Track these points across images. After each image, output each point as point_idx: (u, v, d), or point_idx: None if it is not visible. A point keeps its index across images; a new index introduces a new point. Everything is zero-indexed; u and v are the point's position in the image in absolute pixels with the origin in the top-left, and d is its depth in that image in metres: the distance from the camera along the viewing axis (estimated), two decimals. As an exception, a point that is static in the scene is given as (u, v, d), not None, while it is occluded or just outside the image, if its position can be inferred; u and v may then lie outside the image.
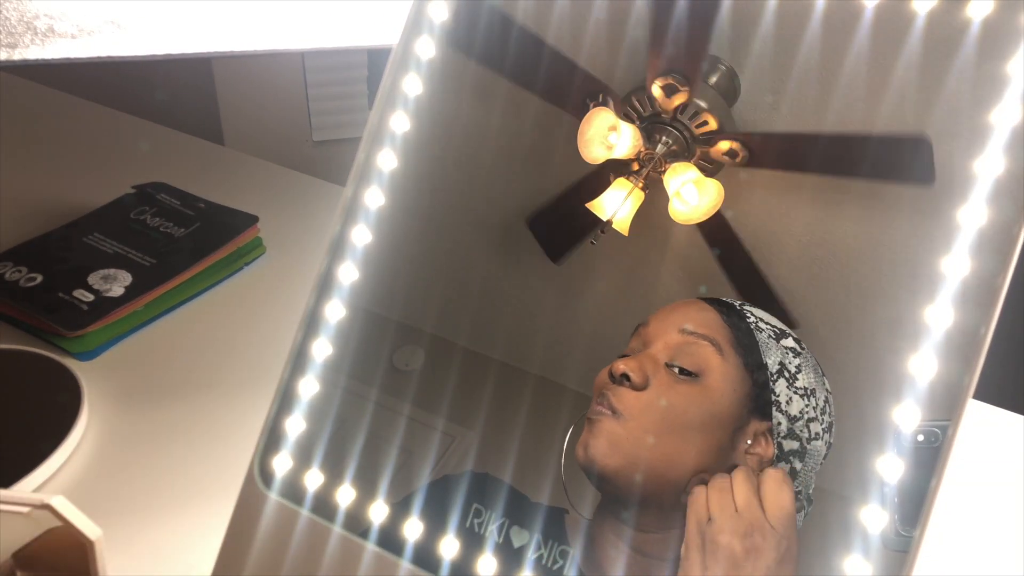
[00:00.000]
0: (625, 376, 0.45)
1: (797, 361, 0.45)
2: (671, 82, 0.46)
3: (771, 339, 0.46)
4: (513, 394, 0.50)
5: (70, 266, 0.80)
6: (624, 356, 0.47)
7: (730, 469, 0.44)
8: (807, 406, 0.45)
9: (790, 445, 0.45)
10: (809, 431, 0.45)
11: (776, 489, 0.42)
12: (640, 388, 0.45)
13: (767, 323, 0.46)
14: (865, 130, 0.44)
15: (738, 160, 0.46)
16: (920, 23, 0.42)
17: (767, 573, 0.41)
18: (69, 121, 1.12)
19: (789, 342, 0.45)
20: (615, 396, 0.46)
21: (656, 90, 0.47)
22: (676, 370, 0.45)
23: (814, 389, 0.45)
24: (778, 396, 0.45)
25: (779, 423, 0.45)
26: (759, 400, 0.45)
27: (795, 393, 0.45)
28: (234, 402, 0.70)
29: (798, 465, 0.45)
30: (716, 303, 0.47)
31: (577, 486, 0.47)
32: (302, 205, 0.98)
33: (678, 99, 0.46)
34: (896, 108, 0.43)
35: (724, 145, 0.46)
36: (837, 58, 0.44)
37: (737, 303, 0.47)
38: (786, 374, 0.45)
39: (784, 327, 0.46)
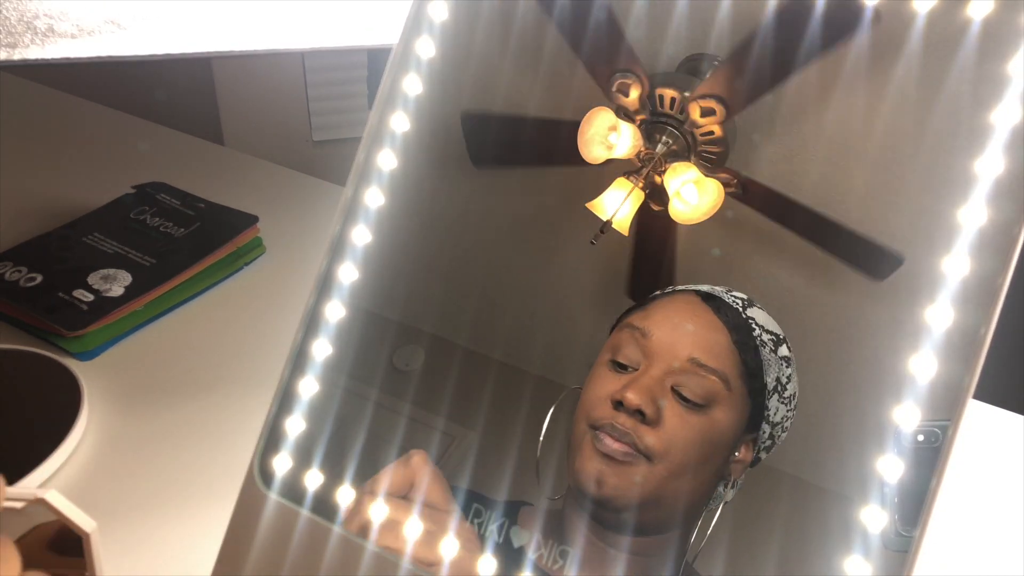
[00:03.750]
0: (639, 412, 0.45)
1: (788, 371, 0.46)
2: (713, 106, 0.46)
3: (772, 353, 0.46)
4: (513, 394, 0.50)
5: (70, 266, 0.80)
6: (617, 364, 0.47)
7: (715, 480, 0.46)
8: (788, 411, 0.46)
9: (767, 444, 0.46)
10: (784, 430, 0.46)
11: None
12: (653, 424, 0.45)
13: (768, 331, 0.46)
14: (855, 227, 0.44)
15: (729, 189, 0.46)
16: (920, 23, 0.42)
17: None
18: (69, 121, 1.12)
19: (784, 350, 0.46)
20: (638, 436, 0.45)
21: (694, 106, 0.46)
22: (684, 400, 0.45)
23: (795, 392, 0.46)
24: (769, 410, 0.46)
25: (764, 432, 0.46)
26: (754, 418, 0.46)
27: (782, 403, 0.46)
28: (234, 402, 0.70)
29: (764, 456, 0.46)
30: (722, 311, 0.46)
31: (546, 470, 0.47)
32: (302, 205, 0.98)
33: (708, 121, 0.46)
34: (896, 107, 0.43)
35: (720, 176, 0.46)
36: (837, 58, 0.44)
37: (739, 303, 0.46)
38: (779, 388, 0.46)
39: (779, 332, 0.46)
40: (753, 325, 0.46)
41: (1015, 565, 0.61)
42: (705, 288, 0.47)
